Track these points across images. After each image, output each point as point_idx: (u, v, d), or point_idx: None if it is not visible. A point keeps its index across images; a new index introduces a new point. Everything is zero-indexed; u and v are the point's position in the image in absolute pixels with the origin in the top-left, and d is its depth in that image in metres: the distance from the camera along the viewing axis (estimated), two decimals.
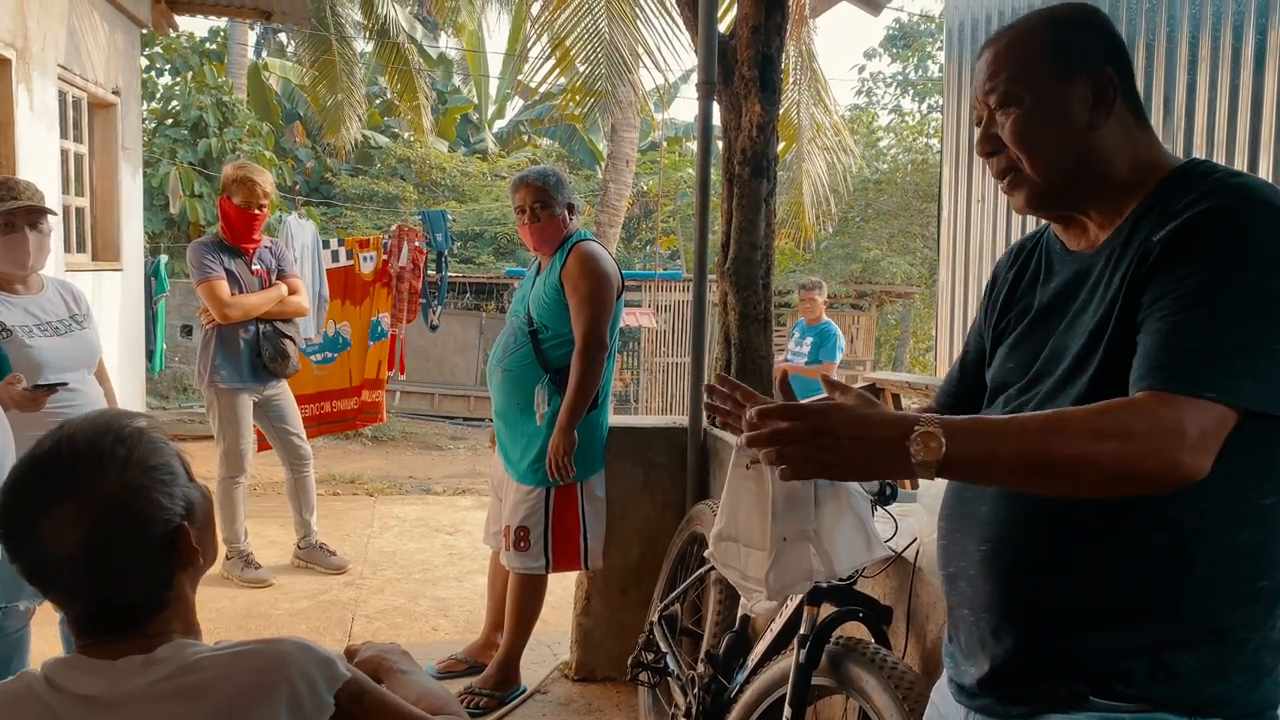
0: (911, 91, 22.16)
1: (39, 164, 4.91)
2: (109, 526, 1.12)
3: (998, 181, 1.35)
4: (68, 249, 5.62)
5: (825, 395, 1.33)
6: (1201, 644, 1.16)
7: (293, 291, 4.64)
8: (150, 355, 7.10)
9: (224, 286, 4.39)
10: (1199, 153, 4.77)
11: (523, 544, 3.37)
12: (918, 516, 2.06)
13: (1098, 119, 1.26)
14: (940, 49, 16.99)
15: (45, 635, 3.03)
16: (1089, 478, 1.10)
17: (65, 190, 5.59)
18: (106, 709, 1.10)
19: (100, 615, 1.16)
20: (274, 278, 4.60)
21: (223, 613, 4.14)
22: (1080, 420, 1.11)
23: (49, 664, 1.16)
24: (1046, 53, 1.27)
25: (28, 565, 1.14)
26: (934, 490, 1.91)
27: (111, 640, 1.15)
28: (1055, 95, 1.26)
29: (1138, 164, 1.27)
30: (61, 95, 5.40)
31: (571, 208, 3.46)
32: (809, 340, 7.27)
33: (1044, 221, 1.41)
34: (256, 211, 4.50)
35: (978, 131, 1.34)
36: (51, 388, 2.65)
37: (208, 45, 17.38)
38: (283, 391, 4.70)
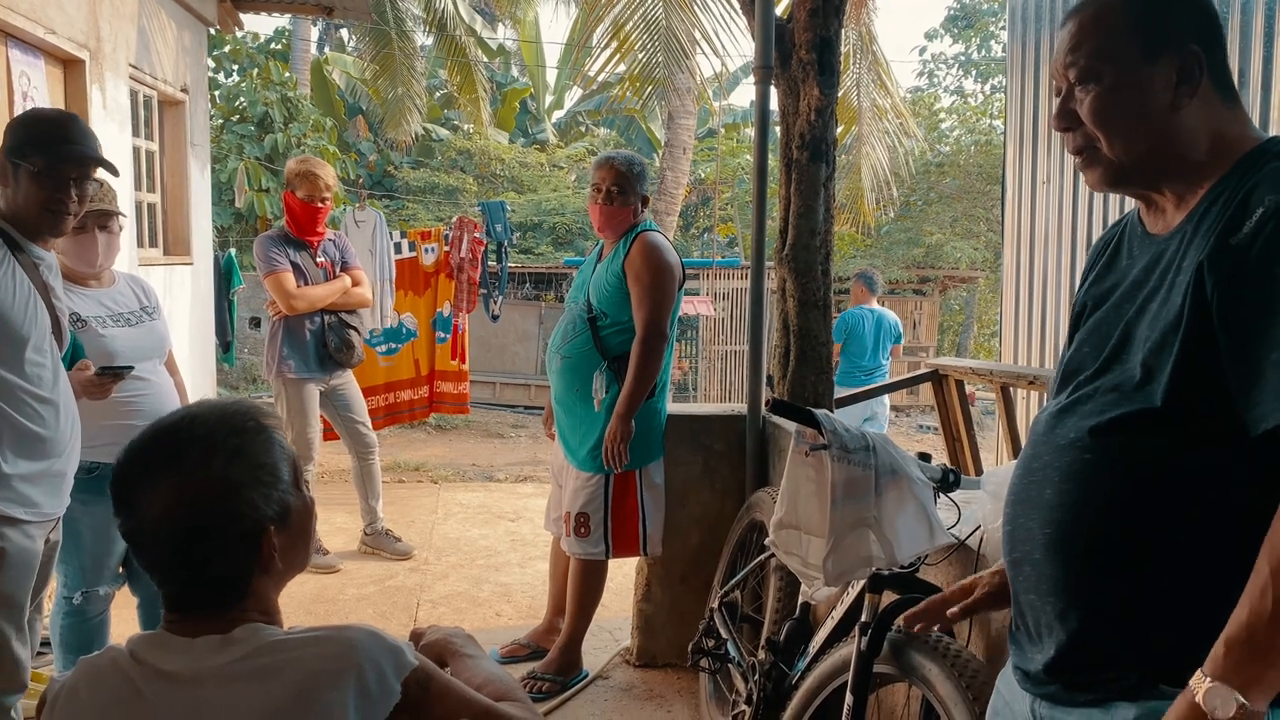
0: (974, 72, 21.74)
1: (112, 161, 5.04)
2: (201, 511, 1.16)
3: (1073, 157, 1.32)
4: (140, 244, 5.77)
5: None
6: None
7: (356, 283, 4.73)
8: (227, 346, 7.26)
9: (290, 279, 4.48)
10: (1276, 129, 4.62)
11: (583, 530, 3.40)
12: (981, 503, 2.03)
13: (1180, 100, 1.22)
14: (1003, 28, 16.63)
15: (125, 618, 3.13)
16: None
17: (137, 187, 5.74)
18: (184, 685, 1.14)
19: (181, 593, 1.20)
20: (338, 270, 4.69)
21: (291, 597, 4.24)
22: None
23: (134, 639, 1.21)
24: (1131, 29, 1.23)
25: (125, 527, 1.19)
26: (998, 477, 1.88)
27: (193, 618, 1.19)
28: (1137, 75, 1.22)
29: (1218, 145, 1.22)
30: (133, 94, 5.54)
31: (645, 200, 3.49)
32: None
33: (1108, 207, 1.38)
34: (320, 205, 4.58)
35: (1055, 103, 1.30)
36: (118, 373, 2.73)
37: (273, 45, 17.68)
38: (348, 381, 4.79)
